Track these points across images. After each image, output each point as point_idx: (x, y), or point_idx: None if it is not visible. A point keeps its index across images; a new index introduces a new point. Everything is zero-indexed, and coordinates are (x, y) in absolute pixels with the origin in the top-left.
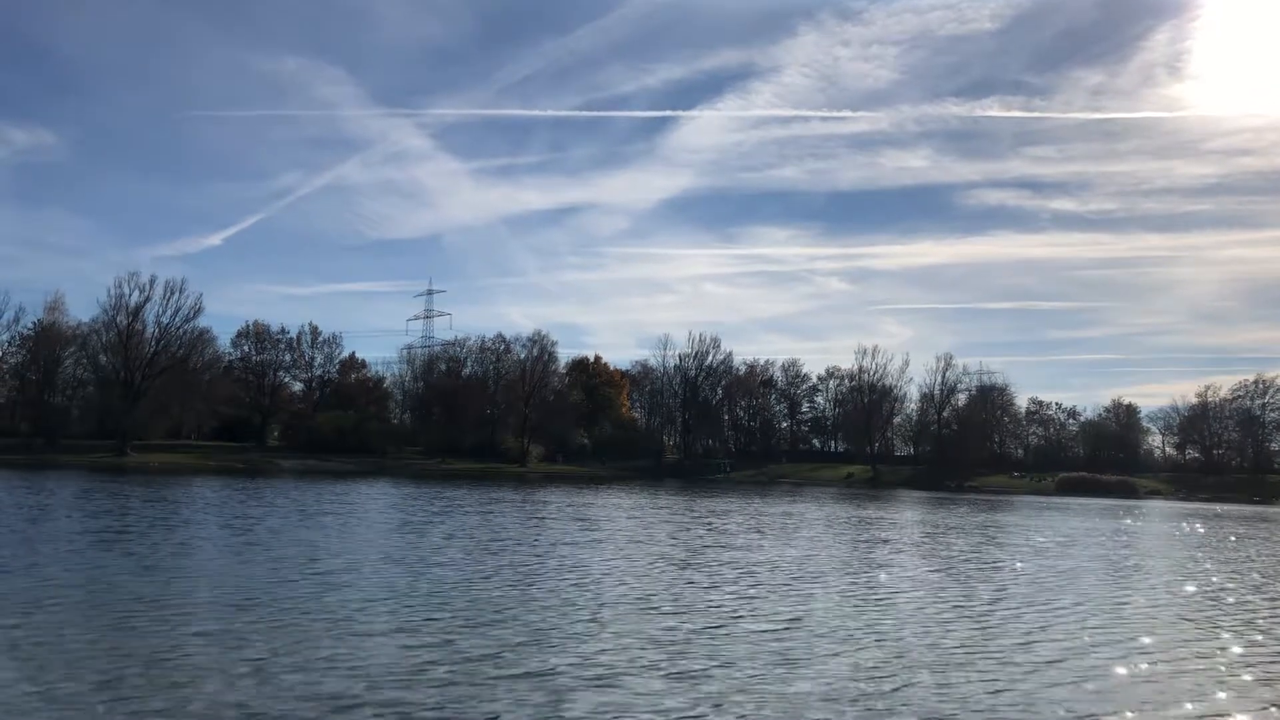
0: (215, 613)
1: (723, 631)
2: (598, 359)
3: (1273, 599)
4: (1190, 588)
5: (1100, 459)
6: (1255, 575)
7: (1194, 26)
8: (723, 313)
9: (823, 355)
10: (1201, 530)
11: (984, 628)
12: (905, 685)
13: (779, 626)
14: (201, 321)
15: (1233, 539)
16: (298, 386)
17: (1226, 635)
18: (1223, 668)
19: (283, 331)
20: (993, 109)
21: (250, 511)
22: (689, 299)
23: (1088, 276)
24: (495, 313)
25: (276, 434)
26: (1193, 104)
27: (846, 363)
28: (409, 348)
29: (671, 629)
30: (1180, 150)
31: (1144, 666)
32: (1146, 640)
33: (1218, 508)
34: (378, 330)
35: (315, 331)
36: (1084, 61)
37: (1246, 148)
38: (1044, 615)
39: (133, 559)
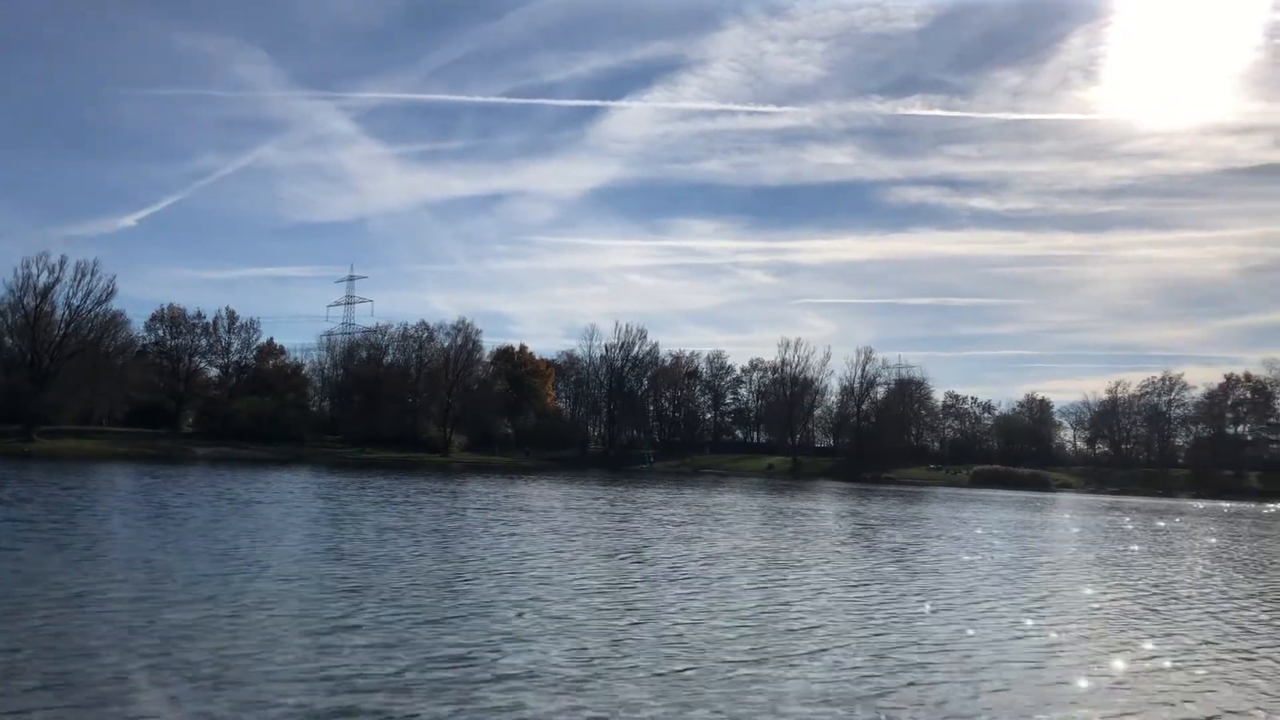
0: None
1: (684, 626)
2: (523, 348)
3: (1250, 594)
4: (1178, 578)
5: (1014, 452)
6: (1223, 567)
7: (1108, 32)
8: (649, 304)
9: (747, 347)
10: (1129, 524)
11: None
12: (888, 689)
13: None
14: (114, 304)
15: (1157, 529)
16: (214, 372)
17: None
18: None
19: (199, 316)
20: (915, 107)
21: (169, 500)
22: (616, 290)
23: (1004, 274)
24: (419, 300)
25: (191, 420)
26: (1107, 107)
27: (770, 355)
28: (329, 334)
29: (635, 625)
30: (1094, 152)
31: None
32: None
33: (1134, 500)
34: (297, 316)
35: (232, 316)
36: (1003, 63)
37: (1157, 151)
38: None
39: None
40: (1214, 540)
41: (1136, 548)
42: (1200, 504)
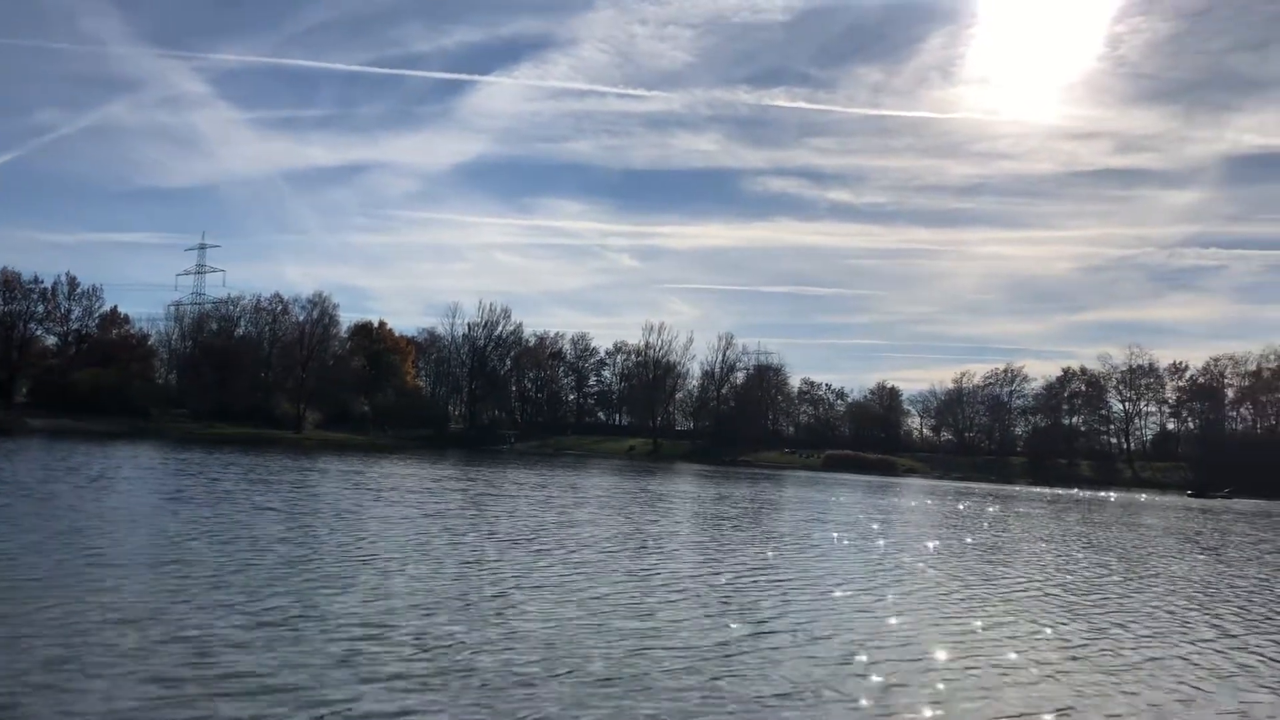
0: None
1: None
2: (382, 324)
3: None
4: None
5: (864, 438)
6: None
7: (968, 34)
8: (514, 283)
9: (612, 330)
10: (994, 509)
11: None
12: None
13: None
14: None
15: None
16: (51, 341)
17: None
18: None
19: (36, 281)
20: (780, 99)
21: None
22: (480, 268)
23: (859, 265)
24: (273, 271)
25: (26, 391)
26: (962, 107)
27: (634, 338)
28: (178, 304)
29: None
30: (949, 151)
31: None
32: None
33: (980, 486)
34: (144, 284)
35: (73, 282)
36: (865, 59)
37: (1008, 152)
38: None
39: None
40: (1033, 520)
41: (991, 532)
42: (1036, 490)
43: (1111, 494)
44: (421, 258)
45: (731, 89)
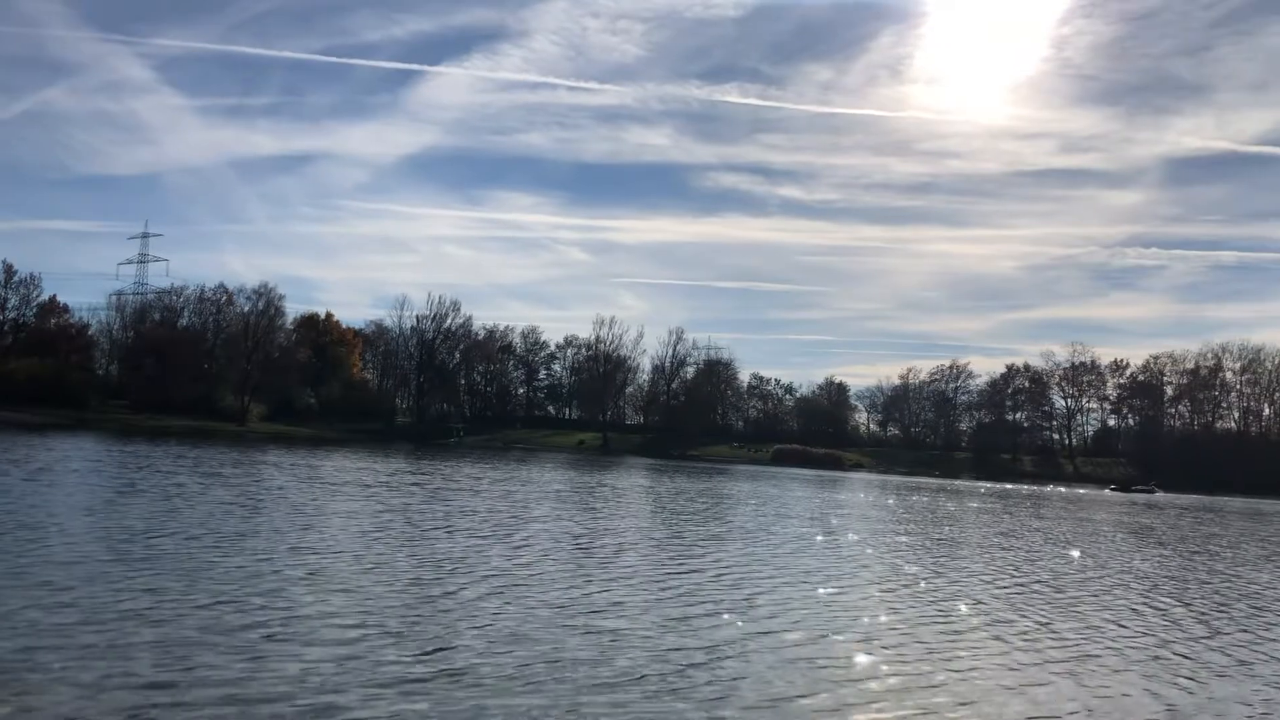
0: None
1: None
2: (329, 316)
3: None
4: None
5: (812, 432)
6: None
7: (916, 34)
8: (464, 276)
9: (562, 324)
10: (952, 506)
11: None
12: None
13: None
14: None
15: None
16: None
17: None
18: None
19: None
20: (731, 95)
21: None
22: (429, 260)
23: (809, 262)
24: (218, 261)
25: None
26: (910, 106)
27: (585, 332)
28: (119, 294)
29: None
30: (897, 149)
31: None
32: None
33: (926, 481)
34: (84, 273)
35: (10, 270)
36: (816, 57)
37: (954, 151)
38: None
39: None
40: (962, 508)
41: (947, 526)
42: (986, 484)
43: (1062, 488)
44: (369, 249)
45: (683, 84)
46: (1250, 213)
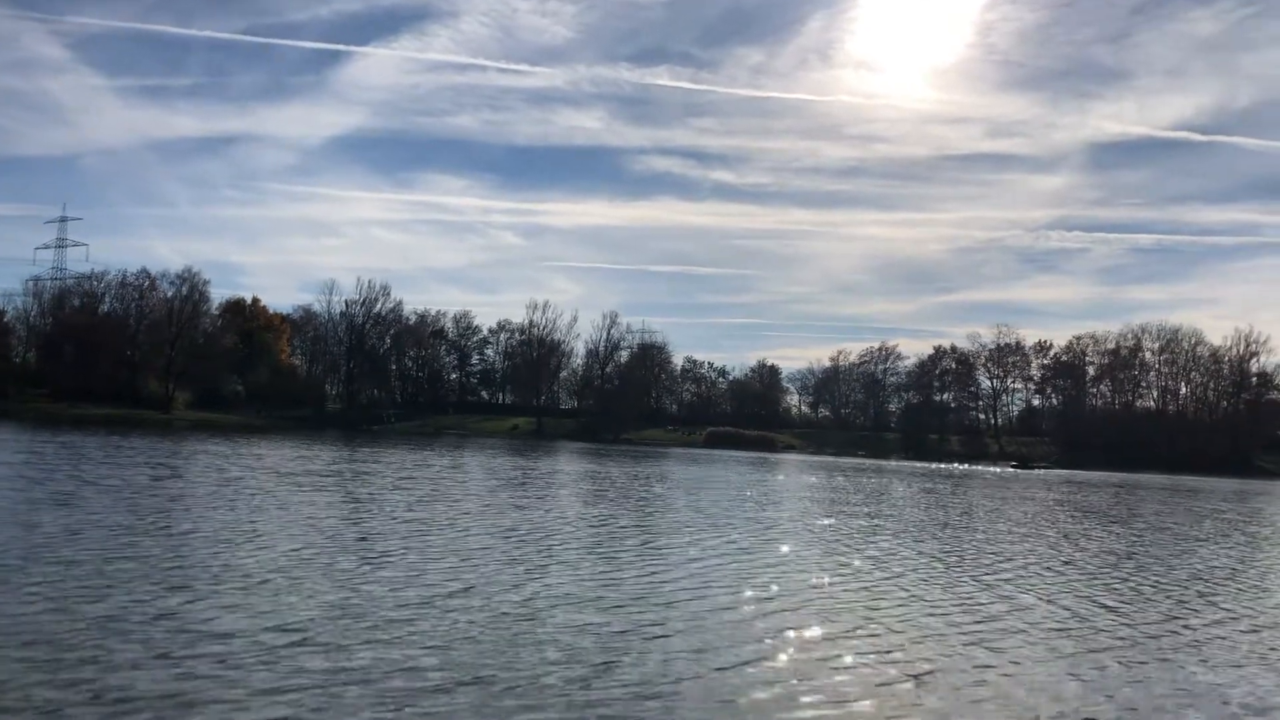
0: None
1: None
2: (256, 301)
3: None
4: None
5: (745, 415)
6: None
7: (846, 18)
8: (394, 260)
9: (495, 308)
10: (903, 488)
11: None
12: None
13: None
14: None
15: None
16: None
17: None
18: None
19: None
20: (663, 78)
21: None
22: (358, 243)
23: (741, 245)
24: (139, 246)
25: None
26: (840, 90)
27: (518, 316)
28: (36, 279)
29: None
30: (827, 133)
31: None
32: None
33: (858, 461)
34: None
35: None
36: (746, 41)
37: (883, 135)
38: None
39: None
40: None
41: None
42: (918, 465)
43: (995, 468)
44: (296, 233)
45: (614, 67)
46: (1168, 197)
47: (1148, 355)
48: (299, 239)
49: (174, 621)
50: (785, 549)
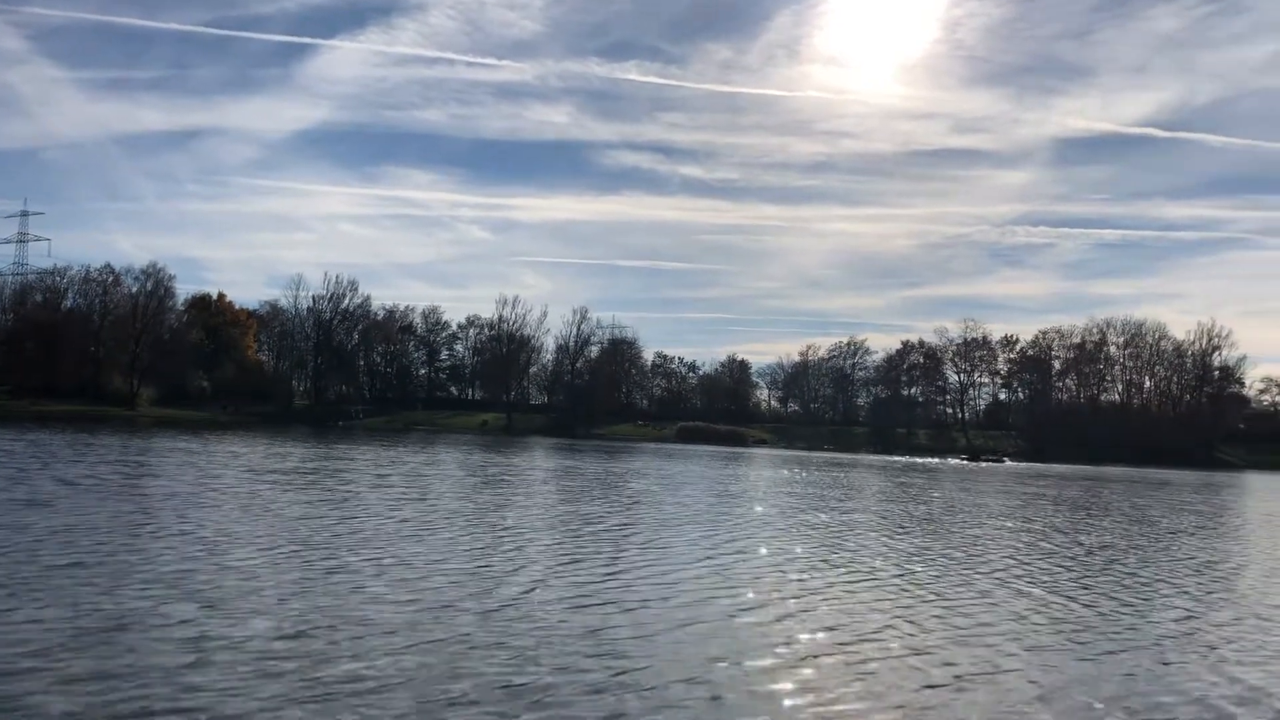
0: None
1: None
2: (221, 297)
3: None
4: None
5: (715, 409)
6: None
7: (814, 14)
8: (361, 255)
9: (464, 303)
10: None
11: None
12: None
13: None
14: None
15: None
16: None
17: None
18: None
19: None
20: (631, 72)
21: None
22: (325, 238)
23: (710, 241)
24: (103, 241)
25: None
26: (808, 86)
27: (487, 312)
28: None
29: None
30: (796, 128)
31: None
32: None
33: (828, 455)
34: None
35: None
36: (715, 36)
37: (851, 131)
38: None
39: None
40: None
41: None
42: (892, 459)
43: (964, 460)
44: (262, 228)
45: (583, 61)
46: (1132, 192)
47: (1113, 349)
48: (265, 234)
49: (181, 629)
50: (769, 549)
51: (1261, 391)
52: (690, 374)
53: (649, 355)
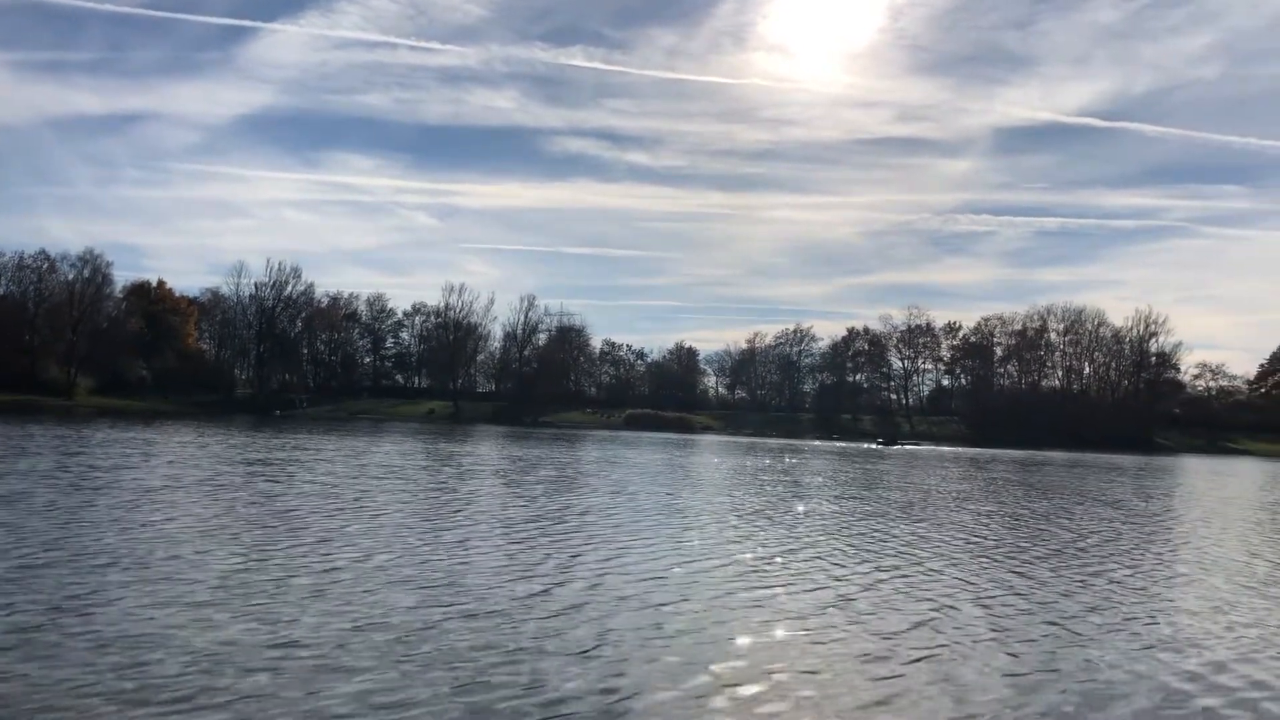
0: None
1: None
2: (161, 284)
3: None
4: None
5: (664, 397)
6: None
7: (758, 2)
8: (304, 241)
9: (409, 290)
10: (792, 461)
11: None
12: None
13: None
14: None
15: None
16: None
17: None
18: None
19: None
20: (577, 58)
21: None
22: (267, 225)
23: (657, 228)
24: (37, 227)
25: None
26: (753, 73)
27: (433, 299)
28: None
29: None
30: (741, 116)
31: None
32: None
33: (774, 441)
34: None
35: None
36: (660, 22)
37: (796, 118)
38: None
39: None
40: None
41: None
42: (838, 445)
43: (914, 446)
44: (202, 214)
45: (528, 46)
46: (1072, 181)
47: (1053, 336)
48: (206, 220)
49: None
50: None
51: (1196, 377)
52: (638, 361)
53: (597, 343)
